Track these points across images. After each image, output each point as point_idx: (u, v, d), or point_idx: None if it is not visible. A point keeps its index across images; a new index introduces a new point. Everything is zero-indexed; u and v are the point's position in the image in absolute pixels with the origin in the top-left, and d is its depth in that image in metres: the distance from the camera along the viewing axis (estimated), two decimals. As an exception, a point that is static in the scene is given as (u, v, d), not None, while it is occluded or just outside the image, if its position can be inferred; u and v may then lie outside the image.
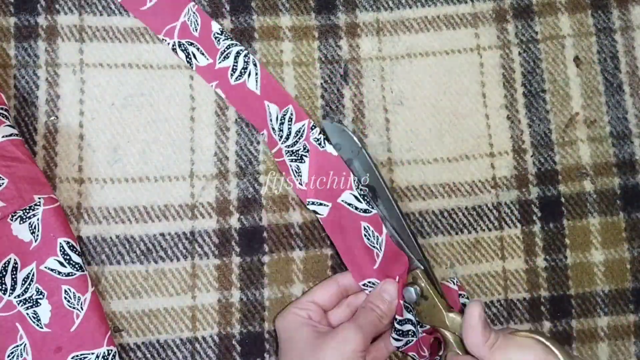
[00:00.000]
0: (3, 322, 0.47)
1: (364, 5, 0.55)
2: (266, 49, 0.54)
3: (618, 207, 0.53)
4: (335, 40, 0.55)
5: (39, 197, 0.48)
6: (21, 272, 0.47)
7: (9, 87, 0.52)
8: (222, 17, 0.54)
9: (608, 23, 0.56)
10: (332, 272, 0.52)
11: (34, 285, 0.47)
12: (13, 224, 0.47)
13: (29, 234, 0.47)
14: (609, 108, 0.55)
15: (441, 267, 0.52)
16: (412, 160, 0.54)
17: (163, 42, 0.53)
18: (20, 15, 0.53)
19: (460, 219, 0.53)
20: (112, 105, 0.52)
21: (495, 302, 0.52)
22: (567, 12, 0.56)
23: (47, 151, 0.51)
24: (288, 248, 0.52)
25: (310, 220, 0.52)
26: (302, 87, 0.54)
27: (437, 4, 0.56)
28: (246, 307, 0.51)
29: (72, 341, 0.47)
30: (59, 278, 0.47)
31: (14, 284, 0.47)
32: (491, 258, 0.53)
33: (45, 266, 0.47)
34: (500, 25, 0.56)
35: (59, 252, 0.48)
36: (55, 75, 0.52)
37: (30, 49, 0.52)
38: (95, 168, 0.52)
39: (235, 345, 0.50)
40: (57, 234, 0.48)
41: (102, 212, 0.51)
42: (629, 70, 0.55)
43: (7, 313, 0.47)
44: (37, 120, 0.52)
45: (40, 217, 0.48)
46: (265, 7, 0.55)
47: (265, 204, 0.52)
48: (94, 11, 0.53)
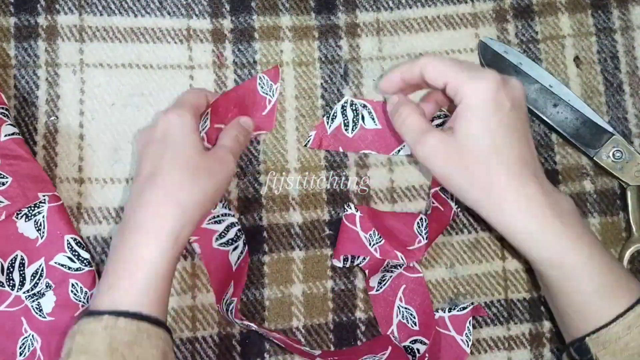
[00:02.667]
0: (10, 317, 0.48)
1: (364, 5, 0.56)
2: (266, 49, 0.55)
3: (618, 207, 0.54)
4: (335, 40, 0.56)
5: (43, 194, 0.49)
6: (29, 268, 0.48)
7: (9, 87, 0.53)
8: (222, 17, 0.55)
9: (608, 23, 0.57)
10: (332, 272, 0.53)
11: (43, 280, 0.48)
12: (18, 221, 0.48)
13: (34, 231, 0.48)
14: (609, 108, 0.56)
15: (441, 267, 0.53)
16: (412, 160, 0.54)
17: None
18: (20, 15, 0.54)
19: (460, 219, 0.54)
20: (112, 105, 0.53)
21: (495, 302, 0.53)
22: (567, 12, 0.57)
23: (47, 151, 0.52)
24: (288, 248, 0.53)
25: (310, 220, 0.53)
26: (302, 87, 0.55)
27: (437, 4, 0.57)
28: (246, 307, 0.52)
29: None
30: (68, 272, 0.49)
31: (23, 280, 0.48)
32: (491, 258, 0.54)
33: (55, 261, 0.49)
34: (500, 25, 0.57)
35: (67, 248, 0.49)
36: (55, 75, 0.53)
37: (30, 49, 0.53)
38: (95, 168, 0.52)
39: (235, 345, 0.51)
40: (63, 231, 0.49)
41: (102, 212, 0.52)
42: (629, 70, 0.56)
43: (15, 308, 0.48)
44: (37, 120, 0.53)
45: (46, 214, 0.49)
46: (265, 7, 0.56)
47: (265, 204, 0.53)
48: (94, 11, 0.54)
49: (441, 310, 0.52)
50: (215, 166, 0.46)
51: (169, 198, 0.43)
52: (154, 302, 0.42)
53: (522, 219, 0.43)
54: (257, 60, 0.55)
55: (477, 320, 0.53)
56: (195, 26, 0.55)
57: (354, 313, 0.52)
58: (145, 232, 0.43)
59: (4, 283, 0.48)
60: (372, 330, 0.52)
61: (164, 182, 0.44)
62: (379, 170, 0.54)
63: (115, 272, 0.42)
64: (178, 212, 0.43)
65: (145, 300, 0.41)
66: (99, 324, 0.40)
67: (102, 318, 0.40)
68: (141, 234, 0.43)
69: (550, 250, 0.43)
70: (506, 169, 0.43)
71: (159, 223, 0.43)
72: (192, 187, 0.44)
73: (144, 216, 0.43)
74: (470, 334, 0.50)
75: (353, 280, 0.53)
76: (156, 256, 0.42)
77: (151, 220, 0.43)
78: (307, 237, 0.53)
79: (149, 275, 0.42)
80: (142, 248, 0.42)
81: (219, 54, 0.55)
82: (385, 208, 0.54)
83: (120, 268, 0.42)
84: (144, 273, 0.42)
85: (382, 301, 0.52)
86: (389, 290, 0.52)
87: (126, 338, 0.40)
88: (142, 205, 0.44)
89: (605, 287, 0.43)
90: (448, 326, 0.51)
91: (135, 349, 0.40)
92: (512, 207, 0.43)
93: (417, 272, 0.52)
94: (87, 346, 0.39)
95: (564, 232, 0.43)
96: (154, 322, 0.41)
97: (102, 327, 0.40)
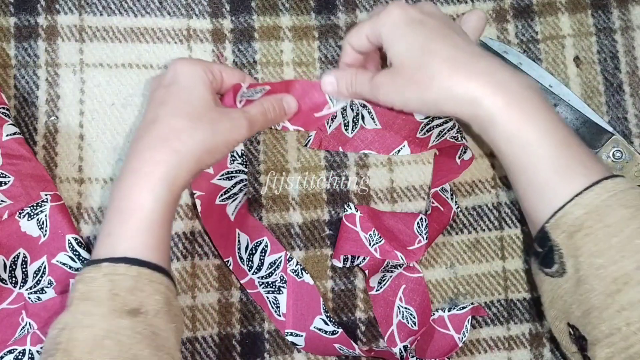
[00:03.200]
0: (12, 314, 0.48)
1: (364, 5, 0.57)
2: (266, 49, 0.55)
3: (618, 207, 0.54)
4: (335, 40, 0.56)
5: (45, 193, 0.49)
6: (31, 265, 0.49)
7: (9, 87, 0.53)
8: (222, 17, 0.55)
9: (608, 23, 0.57)
10: (332, 272, 0.53)
11: (46, 278, 0.49)
12: (21, 220, 0.49)
13: (37, 229, 0.49)
14: (609, 108, 0.56)
15: (441, 267, 0.53)
16: (412, 160, 0.55)
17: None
18: (20, 15, 0.54)
19: (460, 219, 0.54)
20: (112, 105, 0.54)
21: (495, 302, 0.53)
22: (567, 12, 0.57)
23: (47, 151, 0.52)
24: (288, 248, 0.53)
25: (310, 220, 0.53)
26: (302, 87, 0.55)
27: (436, 4, 0.57)
28: (246, 307, 0.52)
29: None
30: (69, 272, 0.49)
31: (25, 277, 0.48)
32: (491, 258, 0.54)
33: (57, 260, 0.49)
34: (500, 25, 0.57)
35: (68, 248, 0.49)
36: (55, 75, 0.53)
37: (30, 49, 0.54)
38: (95, 168, 0.53)
39: (235, 345, 0.51)
40: (65, 230, 0.49)
41: (102, 212, 0.52)
42: (629, 70, 0.57)
43: (16, 305, 0.48)
44: (37, 120, 0.53)
45: (48, 213, 0.49)
46: (265, 7, 0.56)
47: (265, 204, 0.53)
48: (94, 11, 0.55)
49: (441, 310, 0.52)
50: (222, 123, 0.45)
51: (164, 143, 0.43)
52: (153, 248, 0.42)
53: (471, 98, 0.43)
54: (257, 60, 0.55)
55: (477, 320, 0.53)
56: (195, 26, 0.55)
57: (354, 313, 0.53)
58: (138, 177, 0.42)
59: (6, 280, 0.48)
60: (372, 330, 0.52)
61: (162, 128, 0.44)
62: (379, 170, 0.54)
63: (111, 220, 0.42)
64: (173, 158, 0.43)
65: (143, 246, 0.41)
66: (99, 272, 0.40)
67: (101, 265, 0.40)
68: (134, 179, 0.42)
69: (505, 124, 0.42)
70: (441, 59, 0.43)
71: (152, 168, 0.42)
72: (190, 136, 0.43)
73: (138, 161, 0.43)
74: (467, 331, 0.51)
75: (353, 280, 0.53)
76: (150, 201, 0.42)
77: (145, 165, 0.42)
78: (307, 237, 0.53)
79: (144, 221, 0.41)
80: (136, 193, 0.42)
81: (219, 54, 0.55)
82: (385, 208, 0.54)
83: (116, 215, 0.42)
84: (139, 218, 0.41)
85: (382, 301, 0.52)
86: (389, 290, 0.52)
87: (127, 284, 0.40)
88: (138, 151, 0.43)
89: (562, 163, 0.41)
90: (447, 325, 0.51)
91: (137, 293, 0.40)
92: (459, 91, 0.43)
93: (417, 272, 0.52)
94: (89, 293, 0.39)
95: (518, 105, 0.42)
96: (154, 268, 0.41)
97: (102, 274, 0.40)
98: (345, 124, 0.54)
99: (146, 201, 0.42)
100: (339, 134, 0.54)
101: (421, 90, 0.44)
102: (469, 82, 0.43)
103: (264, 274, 0.51)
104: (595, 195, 0.40)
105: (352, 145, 0.54)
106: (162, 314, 0.40)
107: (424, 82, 0.44)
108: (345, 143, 0.54)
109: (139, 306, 0.39)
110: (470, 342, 0.53)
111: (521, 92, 0.42)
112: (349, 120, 0.53)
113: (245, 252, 0.52)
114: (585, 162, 0.42)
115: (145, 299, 0.40)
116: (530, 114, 0.42)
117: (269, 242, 0.52)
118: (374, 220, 0.52)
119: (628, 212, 0.39)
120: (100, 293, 0.39)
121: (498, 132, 0.43)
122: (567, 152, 0.42)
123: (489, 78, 0.43)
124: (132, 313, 0.39)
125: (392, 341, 0.51)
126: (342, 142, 0.54)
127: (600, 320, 0.39)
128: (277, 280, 0.51)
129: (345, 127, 0.54)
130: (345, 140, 0.54)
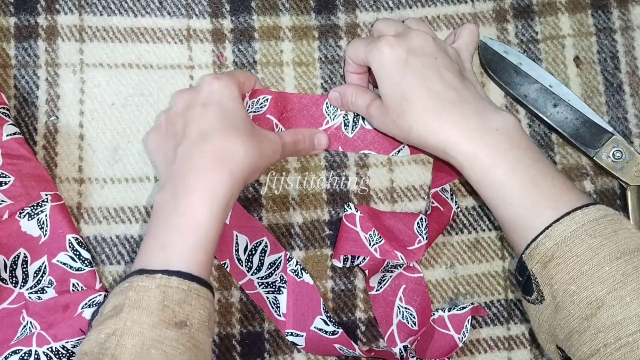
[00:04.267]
0: (12, 313, 0.48)
1: (364, 5, 0.57)
2: (266, 49, 0.55)
3: (618, 207, 0.55)
4: (335, 40, 0.56)
5: (45, 193, 0.50)
6: (31, 265, 0.49)
7: (9, 87, 0.53)
8: (222, 17, 0.56)
9: (608, 23, 0.58)
10: (332, 272, 0.53)
11: (46, 278, 0.49)
12: (21, 220, 0.49)
13: (37, 229, 0.49)
14: (609, 108, 0.56)
15: (441, 267, 0.54)
16: (412, 161, 0.55)
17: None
18: (20, 15, 0.54)
19: (460, 219, 0.54)
20: (112, 105, 0.54)
21: (495, 302, 0.53)
22: (567, 12, 0.58)
23: (47, 151, 0.53)
24: (288, 248, 0.53)
25: (310, 220, 0.54)
26: (302, 87, 0.55)
27: (437, 4, 0.57)
28: (246, 307, 0.52)
29: (77, 296, 0.49)
30: (70, 272, 0.49)
31: (26, 277, 0.49)
32: (491, 258, 0.54)
33: (57, 260, 0.49)
34: (500, 25, 0.57)
35: (69, 247, 0.49)
36: (55, 75, 0.54)
37: (30, 49, 0.54)
38: (95, 168, 0.53)
39: (235, 345, 0.52)
40: (65, 230, 0.50)
41: (102, 212, 0.52)
42: (629, 70, 0.57)
43: (16, 305, 0.48)
44: (37, 120, 0.53)
45: (48, 213, 0.49)
46: (265, 7, 0.56)
47: (265, 204, 0.53)
48: (94, 11, 0.55)
49: (441, 310, 0.52)
50: (264, 144, 0.49)
51: (220, 165, 0.46)
52: (202, 263, 0.44)
53: (443, 147, 0.47)
54: (257, 60, 0.55)
55: (476, 320, 0.53)
56: (195, 26, 0.56)
57: (354, 313, 0.53)
58: (197, 196, 0.45)
59: (7, 280, 0.49)
60: (372, 330, 0.53)
61: (216, 149, 0.46)
62: (379, 170, 0.55)
63: (167, 234, 0.44)
64: (229, 179, 0.45)
65: (196, 262, 0.44)
66: (153, 282, 0.42)
67: (155, 276, 0.42)
68: (194, 198, 0.45)
69: (473, 168, 0.46)
70: (418, 110, 0.48)
71: (211, 188, 0.45)
72: (243, 158, 0.46)
73: (195, 181, 0.45)
74: (467, 331, 0.51)
75: (353, 280, 0.53)
76: (208, 220, 0.44)
77: (203, 185, 0.45)
78: (307, 237, 0.53)
79: (200, 238, 0.44)
80: (196, 212, 0.44)
81: (219, 53, 0.55)
82: (385, 208, 0.54)
83: (173, 230, 0.44)
84: (197, 235, 0.44)
85: (382, 301, 0.52)
86: (389, 290, 0.53)
87: (177, 296, 0.42)
88: (193, 171, 0.46)
89: (530, 201, 0.45)
90: (447, 325, 0.52)
91: (185, 307, 0.42)
92: (432, 141, 0.48)
93: (417, 272, 0.53)
94: (140, 302, 0.41)
95: (484, 151, 0.46)
96: (202, 283, 0.43)
97: (155, 285, 0.42)
98: (345, 124, 0.54)
99: (205, 220, 0.44)
100: (339, 134, 0.54)
101: (404, 134, 0.49)
102: (440, 132, 0.47)
103: (264, 274, 0.52)
104: (564, 228, 0.43)
105: (352, 145, 0.54)
106: (203, 327, 0.43)
107: (405, 129, 0.49)
108: (345, 143, 0.54)
109: (186, 319, 0.42)
110: (470, 342, 0.53)
111: (488, 139, 0.46)
112: (349, 120, 0.54)
113: (244, 253, 0.52)
114: (555, 196, 0.45)
115: (192, 312, 0.42)
116: (495, 157, 0.46)
117: (268, 243, 0.52)
118: (374, 220, 0.52)
119: (596, 241, 0.42)
120: (151, 303, 0.41)
121: (470, 175, 0.47)
122: (534, 190, 0.45)
123: (459, 129, 0.47)
124: (178, 325, 0.41)
125: (392, 341, 0.52)
126: (342, 142, 0.54)
127: (581, 342, 0.41)
128: (277, 281, 0.51)
129: (345, 127, 0.54)
130: (345, 140, 0.54)
